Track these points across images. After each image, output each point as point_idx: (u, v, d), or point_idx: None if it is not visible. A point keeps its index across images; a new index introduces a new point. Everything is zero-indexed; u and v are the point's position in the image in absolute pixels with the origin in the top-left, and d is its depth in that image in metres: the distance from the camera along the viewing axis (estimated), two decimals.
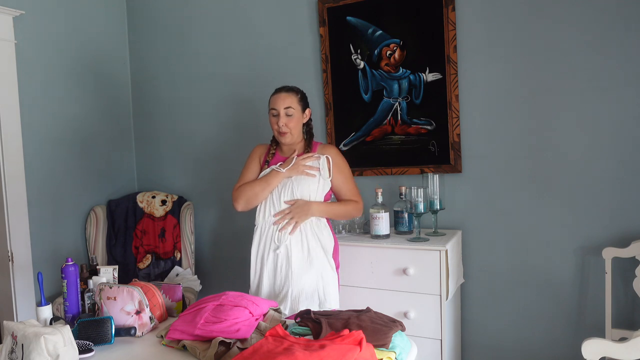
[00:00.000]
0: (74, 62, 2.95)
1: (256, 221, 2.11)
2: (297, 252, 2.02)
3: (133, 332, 1.54)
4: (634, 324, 2.17)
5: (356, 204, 2.13)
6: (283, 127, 2.03)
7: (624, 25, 2.11)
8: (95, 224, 2.99)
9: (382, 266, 2.23)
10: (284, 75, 2.79)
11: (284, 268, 2.03)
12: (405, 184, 2.42)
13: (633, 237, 2.14)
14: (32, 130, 2.69)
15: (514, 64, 2.31)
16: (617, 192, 2.17)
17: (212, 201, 3.15)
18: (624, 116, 2.14)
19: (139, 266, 2.98)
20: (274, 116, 2.05)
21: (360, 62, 2.63)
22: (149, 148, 3.34)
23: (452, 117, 2.43)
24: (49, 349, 1.26)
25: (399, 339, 1.41)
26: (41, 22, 2.75)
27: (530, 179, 2.33)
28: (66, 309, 1.70)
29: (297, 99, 2.06)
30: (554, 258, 2.30)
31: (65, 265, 1.71)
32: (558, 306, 2.31)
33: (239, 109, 3.02)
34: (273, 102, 2.06)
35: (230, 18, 3.00)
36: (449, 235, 2.32)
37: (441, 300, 2.13)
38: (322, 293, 2.02)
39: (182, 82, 3.19)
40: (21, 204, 2.62)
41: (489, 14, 2.34)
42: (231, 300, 1.55)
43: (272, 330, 1.36)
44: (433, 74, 2.46)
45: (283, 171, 2.02)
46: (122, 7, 3.32)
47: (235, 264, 3.07)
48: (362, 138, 2.66)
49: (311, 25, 2.75)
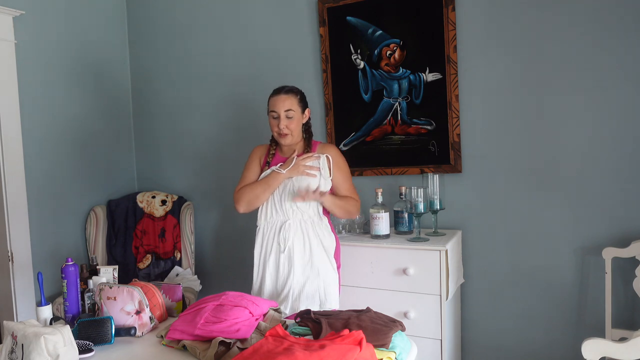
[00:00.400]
0: (74, 62, 2.95)
1: (258, 222, 2.12)
2: (299, 252, 2.03)
3: (133, 332, 1.54)
4: (634, 324, 2.17)
5: (356, 202, 2.14)
6: (284, 129, 2.02)
7: (624, 26, 2.11)
8: (95, 224, 2.99)
9: (382, 266, 2.23)
10: (284, 75, 2.79)
11: (286, 268, 2.03)
12: (405, 184, 2.42)
13: (633, 237, 2.14)
14: (32, 130, 2.69)
15: (514, 64, 2.31)
16: (617, 192, 2.17)
17: (212, 201, 3.15)
18: (624, 116, 2.14)
19: (139, 266, 2.99)
20: (274, 118, 2.04)
21: (360, 62, 2.63)
22: (149, 148, 3.34)
23: (452, 117, 2.43)
24: (49, 349, 1.26)
25: (399, 339, 1.41)
26: (41, 22, 2.75)
27: (530, 179, 2.33)
28: (66, 309, 1.70)
29: (297, 100, 2.06)
30: (554, 258, 2.30)
31: (65, 265, 1.71)
32: (558, 306, 2.31)
33: (238, 109, 3.02)
34: (273, 104, 2.05)
35: (230, 18, 3.00)
36: (449, 235, 2.32)
37: (441, 300, 2.13)
38: (323, 293, 2.03)
39: (182, 82, 3.19)
40: (21, 204, 2.62)
41: (489, 14, 2.34)
42: (231, 300, 1.55)
43: (272, 330, 1.36)
44: (433, 74, 2.46)
45: (283, 172, 2.02)
46: (122, 7, 3.32)
47: (235, 264, 3.07)
48: (362, 138, 2.66)
49: (311, 25, 2.75)
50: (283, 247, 2.03)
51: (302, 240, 2.04)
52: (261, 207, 2.10)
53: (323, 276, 2.03)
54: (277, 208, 2.06)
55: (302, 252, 2.03)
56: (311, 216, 2.06)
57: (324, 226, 2.08)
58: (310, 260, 2.03)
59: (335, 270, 2.07)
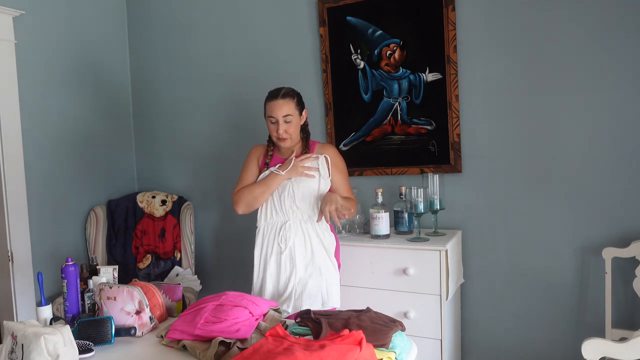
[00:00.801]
0: (74, 62, 2.95)
1: (258, 223, 2.12)
2: (300, 252, 2.03)
3: (133, 332, 1.54)
4: (634, 324, 2.17)
5: (356, 203, 2.16)
6: (283, 134, 2.02)
7: (624, 26, 2.11)
8: (95, 224, 2.99)
9: (382, 266, 2.23)
10: (284, 75, 2.79)
11: (288, 268, 2.04)
12: (405, 184, 2.42)
13: (633, 237, 2.14)
14: (32, 131, 2.69)
15: (514, 64, 2.31)
16: (617, 192, 2.17)
17: (212, 201, 3.15)
18: (624, 116, 2.14)
19: (139, 266, 2.99)
20: (272, 123, 2.04)
21: (360, 62, 2.63)
22: (149, 148, 3.34)
23: (452, 117, 2.43)
24: (49, 349, 1.26)
25: (399, 339, 1.41)
26: (41, 22, 2.75)
27: (530, 179, 2.33)
28: (66, 309, 1.70)
29: (294, 104, 2.04)
30: (554, 258, 2.30)
31: (65, 265, 1.71)
32: (558, 306, 2.31)
33: (238, 109, 3.02)
34: (270, 109, 2.03)
35: (230, 18, 3.00)
36: (449, 235, 2.32)
37: (441, 300, 2.13)
38: (326, 292, 2.03)
39: (182, 82, 3.19)
40: (21, 204, 2.62)
41: (489, 14, 2.34)
42: (231, 300, 1.55)
43: (272, 330, 1.36)
44: (433, 74, 2.46)
45: (282, 173, 2.02)
46: (122, 7, 3.32)
47: (235, 264, 3.07)
48: (362, 138, 2.66)
49: (311, 25, 2.75)
50: (284, 247, 2.03)
51: (302, 240, 2.04)
52: (261, 208, 2.10)
53: (325, 275, 2.03)
54: (277, 209, 2.07)
55: (304, 252, 2.03)
56: (311, 216, 2.06)
57: (323, 226, 2.09)
58: (312, 259, 2.03)
59: (336, 269, 2.08)
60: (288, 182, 2.05)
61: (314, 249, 2.03)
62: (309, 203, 2.05)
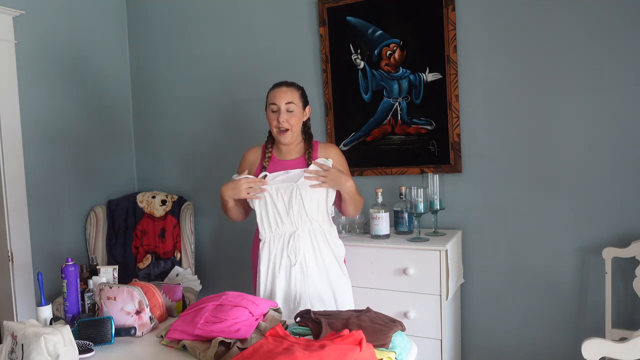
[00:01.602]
0: (73, 62, 2.95)
1: (261, 235, 1.93)
2: (311, 264, 1.90)
3: (133, 332, 1.54)
4: (634, 324, 2.17)
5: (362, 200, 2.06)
6: (284, 123, 1.90)
7: (624, 26, 2.11)
8: (95, 224, 2.99)
9: (382, 266, 2.23)
10: (284, 75, 2.76)
11: (299, 283, 1.89)
12: (405, 184, 2.42)
13: (633, 237, 2.14)
14: (32, 130, 2.69)
15: (514, 64, 2.31)
16: (617, 192, 2.17)
17: (212, 201, 3.14)
18: (623, 116, 2.14)
19: (139, 266, 2.98)
20: (273, 112, 1.92)
21: (360, 62, 2.63)
22: (149, 148, 3.34)
23: (452, 117, 2.43)
24: (49, 349, 1.26)
25: (399, 339, 1.41)
26: (41, 22, 2.75)
27: (530, 179, 2.33)
28: (66, 309, 1.70)
29: (299, 94, 1.96)
30: (554, 258, 2.30)
31: (65, 265, 1.70)
32: (558, 306, 2.31)
33: (238, 109, 3.02)
34: (273, 96, 1.93)
35: (230, 18, 3.00)
36: (449, 235, 2.32)
37: (441, 300, 2.13)
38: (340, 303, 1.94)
39: (182, 82, 3.19)
40: (21, 204, 2.62)
41: (489, 14, 2.34)
42: (231, 300, 1.55)
43: (272, 330, 1.36)
44: (433, 74, 2.46)
45: (227, 194, 1.92)
46: (122, 7, 3.32)
47: (235, 264, 3.07)
48: (362, 138, 2.66)
49: (311, 25, 2.75)
50: (294, 260, 1.88)
51: (312, 251, 1.90)
52: (260, 219, 1.92)
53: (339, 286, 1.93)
54: (282, 218, 1.89)
55: (316, 265, 1.90)
56: (320, 224, 1.91)
57: (334, 234, 1.96)
58: (325, 271, 1.91)
59: (346, 276, 1.99)
60: (294, 190, 1.88)
61: (325, 259, 1.91)
62: (318, 209, 1.91)
